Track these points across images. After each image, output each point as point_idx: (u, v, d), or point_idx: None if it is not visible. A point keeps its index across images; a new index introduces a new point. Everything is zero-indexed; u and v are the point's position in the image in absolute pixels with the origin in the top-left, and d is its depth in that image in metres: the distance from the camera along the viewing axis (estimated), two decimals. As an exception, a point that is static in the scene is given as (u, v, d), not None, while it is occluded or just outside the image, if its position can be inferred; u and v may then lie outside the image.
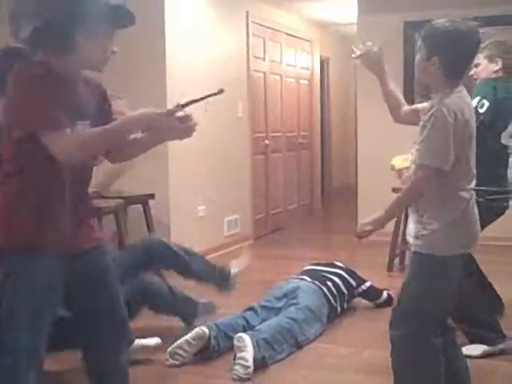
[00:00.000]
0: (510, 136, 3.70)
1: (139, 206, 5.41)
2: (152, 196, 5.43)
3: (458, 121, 2.37)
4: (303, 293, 3.96)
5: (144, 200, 5.40)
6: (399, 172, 3.05)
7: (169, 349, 3.50)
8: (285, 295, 4.00)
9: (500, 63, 3.66)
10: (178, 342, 3.50)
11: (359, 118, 7.22)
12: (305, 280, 4.16)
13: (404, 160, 3.03)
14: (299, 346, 3.70)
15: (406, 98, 2.81)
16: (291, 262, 5.81)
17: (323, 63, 10.07)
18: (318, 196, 9.44)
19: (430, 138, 2.37)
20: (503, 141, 3.66)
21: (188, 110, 2.17)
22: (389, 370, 2.52)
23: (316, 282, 4.10)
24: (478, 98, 3.50)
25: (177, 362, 3.47)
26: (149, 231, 5.33)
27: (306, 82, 8.93)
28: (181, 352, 3.47)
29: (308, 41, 8.95)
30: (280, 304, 3.94)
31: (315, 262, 4.66)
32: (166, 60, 5.57)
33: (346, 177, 11.29)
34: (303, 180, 8.85)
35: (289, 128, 8.32)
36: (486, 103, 3.51)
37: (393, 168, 3.04)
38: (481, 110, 3.48)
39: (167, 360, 3.48)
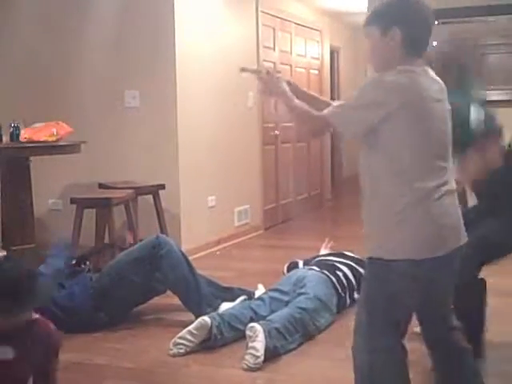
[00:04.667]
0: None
1: (150, 197, 5.43)
2: (162, 186, 5.45)
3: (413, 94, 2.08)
4: (311, 282, 3.95)
5: (154, 190, 5.42)
6: None
7: (173, 339, 3.54)
8: (293, 286, 4.00)
9: None
10: (181, 332, 3.55)
11: (369, 108, 7.19)
12: (313, 269, 4.16)
13: None
14: (310, 335, 3.71)
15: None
16: (301, 252, 5.78)
17: (333, 53, 10.04)
18: (327, 186, 9.43)
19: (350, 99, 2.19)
20: None
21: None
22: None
23: (325, 272, 4.10)
24: None
25: (181, 351, 3.50)
26: (159, 222, 5.36)
27: (316, 71, 8.90)
28: (184, 342, 3.51)
29: (318, 30, 8.91)
30: (289, 295, 3.94)
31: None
32: (175, 50, 5.56)
33: (356, 167, 11.25)
34: (313, 170, 8.84)
35: (299, 118, 8.28)
36: None
37: None
38: None
39: (170, 349, 3.52)
